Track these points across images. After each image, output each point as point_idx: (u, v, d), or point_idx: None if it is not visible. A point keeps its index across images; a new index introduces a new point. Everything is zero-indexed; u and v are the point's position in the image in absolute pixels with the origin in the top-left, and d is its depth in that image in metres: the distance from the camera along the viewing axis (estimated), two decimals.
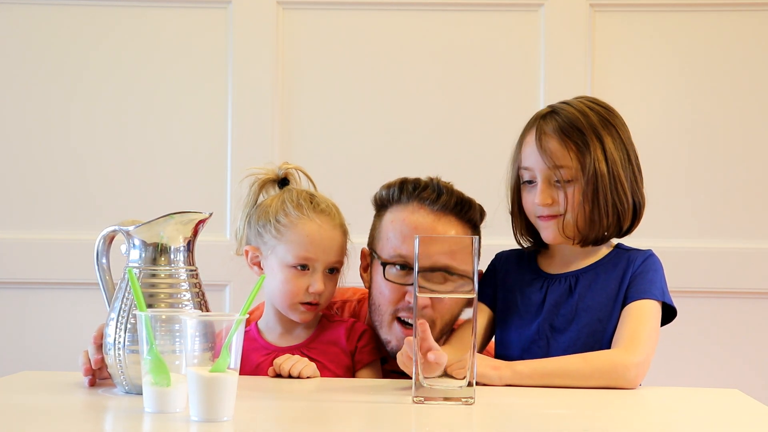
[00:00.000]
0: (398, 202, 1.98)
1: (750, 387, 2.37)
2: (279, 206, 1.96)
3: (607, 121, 1.91)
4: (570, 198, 1.88)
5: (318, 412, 1.59)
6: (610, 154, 1.89)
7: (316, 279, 1.93)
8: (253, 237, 1.98)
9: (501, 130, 3.02)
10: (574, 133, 1.89)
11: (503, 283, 2.00)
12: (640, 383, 1.82)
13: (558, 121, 1.91)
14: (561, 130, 1.90)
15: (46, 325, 3.03)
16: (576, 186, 1.88)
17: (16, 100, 3.04)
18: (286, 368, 1.87)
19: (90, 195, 3.03)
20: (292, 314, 1.96)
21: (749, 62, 3.01)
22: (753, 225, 3.01)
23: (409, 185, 1.98)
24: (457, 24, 3.04)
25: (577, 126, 1.90)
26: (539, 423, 1.54)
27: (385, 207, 2.01)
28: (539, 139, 1.91)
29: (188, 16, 3.04)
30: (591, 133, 1.89)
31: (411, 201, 1.96)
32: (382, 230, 1.99)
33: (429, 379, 1.62)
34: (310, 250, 1.92)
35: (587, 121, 1.90)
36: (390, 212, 1.99)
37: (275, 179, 2.04)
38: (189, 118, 3.04)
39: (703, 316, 2.99)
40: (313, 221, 1.94)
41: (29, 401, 1.61)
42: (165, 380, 1.49)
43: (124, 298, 1.67)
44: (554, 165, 1.89)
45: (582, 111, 1.91)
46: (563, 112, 1.92)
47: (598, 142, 1.89)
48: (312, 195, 1.99)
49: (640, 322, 1.85)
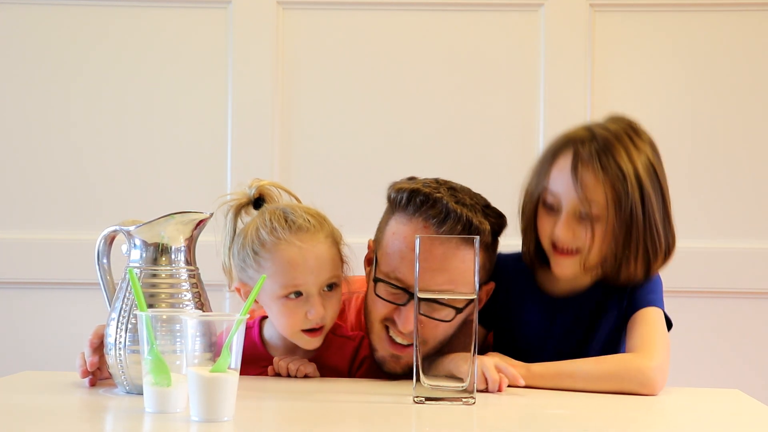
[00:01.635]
0: (404, 211, 1.83)
1: (750, 387, 2.37)
2: (254, 234, 1.81)
3: (647, 156, 1.81)
4: (596, 236, 1.77)
5: (318, 412, 1.59)
6: (647, 193, 1.78)
7: (312, 304, 1.79)
8: (238, 271, 1.85)
9: (501, 130, 3.03)
10: (613, 168, 1.77)
11: (504, 300, 1.92)
12: (661, 388, 1.75)
13: (597, 149, 1.78)
14: (600, 161, 1.77)
15: (46, 325, 3.03)
16: (604, 224, 1.77)
17: (17, 100, 3.04)
18: (283, 366, 1.87)
19: (90, 195, 3.03)
20: (298, 343, 1.85)
21: (749, 62, 3.01)
22: (753, 225, 3.01)
23: (419, 198, 1.82)
24: (457, 24, 3.04)
25: (617, 160, 1.77)
26: (539, 423, 1.54)
27: (393, 208, 1.87)
28: (575, 167, 1.78)
29: (188, 16, 3.04)
30: (630, 169, 1.77)
31: (416, 216, 1.82)
32: (385, 237, 1.86)
33: (429, 379, 1.62)
34: (297, 276, 1.78)
35: (628, 156, 1.78)
36: (395, 219, 1.85)
37: (248, 202, 1.88)
38: (189, 118, 3.04)
39: (703, 316, 2.99)
40: (291, 244, 1.78)
41: (29, 401, 1.61)
42: (165, 380, 1.49)
43: (125, 298, 1.67)
44: (585, 198, 1.77)
45: (623, 142, 1.79)
46: (603, 140, 1.79)
47: (636, 180, 1.77)
48: (285, 213, 1.82)
49: (649, 328, 1.80)
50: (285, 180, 3.00)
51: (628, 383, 1.72)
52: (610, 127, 1.82)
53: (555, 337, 1.90)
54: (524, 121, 3.02)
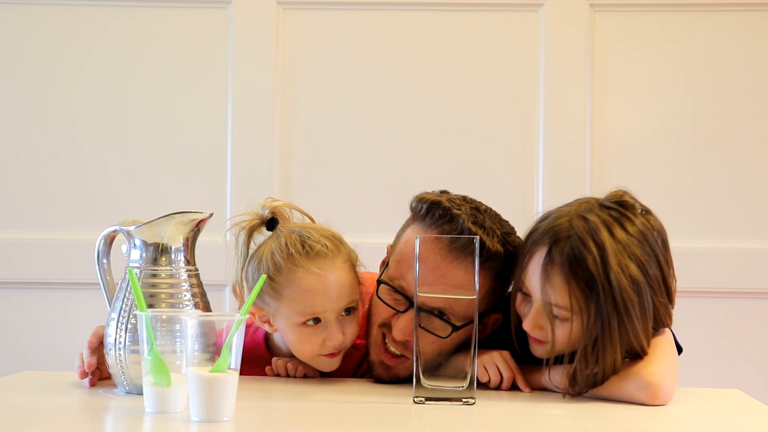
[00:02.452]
0: (422, 222, 1.79)
1: (750, 387, 2.37)
2: (269, 260, 1.75)
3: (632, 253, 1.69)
4: (560, 337, 1.69)
5: (318, 412, 1.59)
6: (624, 299, 1.66)
7: (331, 330, 1.75)
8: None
9: (501, 130, 3.03)
10: (581, 275, 1.66)
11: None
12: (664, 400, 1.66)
13: (569, 252, 1.67)
14: (569, 266, 1.66)
15: (46, 325, 3.03)
16: (572, 326, 1.68)
17: (16, 100, 3.04)
18: (281, 365, 1.86)
19: (90, 195, 3.03)
20: (316, 366, 1.82)
21: (749, 62, 3.01)
22: (753, 225, 3.01)
23: (438, 211, 1.78)
24: (457, 24, 3.04)
25: (589, 267, 1.65)
26: (539, 423, 1.54)
27: (413, 217, 1.83)
28: (545, 268, 1.68)
29: (188, 16, 3.04)
30: (603, 277, 1.65)
31: (431, 228, 1.77)
32: (399, 244, 1.83)
33: (429, 379, 1.62)
34: (316, 304, 1.74)
35: (602, 260, 1.65)
36: (412, 228, 1.81)
37: (261, 223, 1.81)
38: (189, 117, 3.04)
39: (703, 316, 2.99)
40: (309, 272, 1.73)
41: (29, 401, 1.61)
42: (165, 380, 1.49)
43: (125, 298, 1.67)
44: (553, 301, 1.68)
45: (600, 241, 1.67)
46: (579, 240, 1.67)
47: (609, 288, 1.65)
48: (302, 237, 1.75)
49: (654, 348, 1.72)
50: (285, 180, 3.00)
51: (628, 395, 1.67)
52: (592, 219, 1.69)
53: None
54: (524, 121, 3.02)
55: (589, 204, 1.74)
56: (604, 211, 1.72)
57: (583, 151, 2.99)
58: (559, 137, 2.99)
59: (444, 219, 1.77)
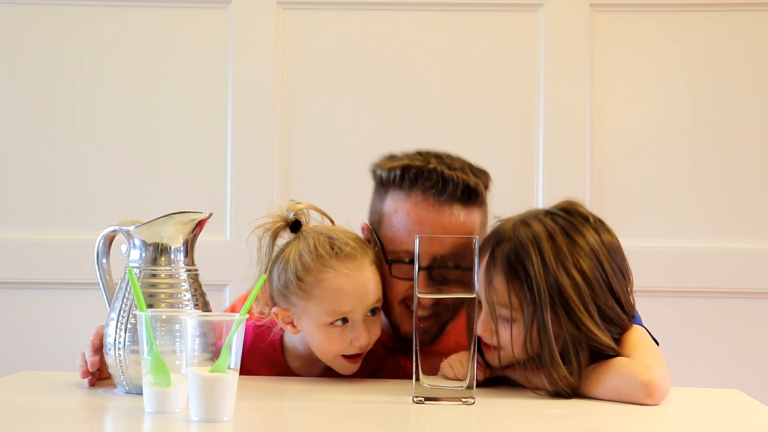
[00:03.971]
0: (400, 188, 1.85)
1: (750, 387, 2.38)
2: (297, 261, 1.76)
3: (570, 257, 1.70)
4: (505, 338, 1.71)
5: (318, 412, 1.59)
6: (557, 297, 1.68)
7: (358, 331, 1.77)
8: (278, 297, 1.80)
9: (501, 130, 3.03)
10: (521, 275, 1.69)
11: None
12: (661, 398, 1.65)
13: (509, 253, 1.70)
14: (508, 265, 1.70)
15: (46, 325, 3.03)
16: (516, 326, 1.70)
17: (16, 100, 3.04)
18: None
19: (90, 195, 3.03)
20: (337, 368, 1.82)
21: (749, 62, 3.01)
22: (753, 225, 3.01)
23: (412, 172, 1.84)
24: (457, 24, 3.04)
25: (526, 267, 1.69)
26: (539, 423, 1.54)
27: (385, 188, 1.88)
28: (488, 268, 1.72)
29: (188, 16, 3.04)
30: (540, 278, 1.68)
31: (413, 190, 1.84)
32: (385, 217, 1.87)
33: (429, 379, 1.62)
34: (345, 304, 1.75)
35: (542, 262, 1.69)
36: (391, 198, 1.87)
37: (286, 224, 1.81)
38: (189, 117, 3.04)
39: (703, 316, 2.99)
40: (339, 272, 1.75)
41: (29, 401, 1.61)
42: (165, 380, 1.49)
43: (125, 298, 1.67)
44: (493, 301, 1.71)
45: (540, 245, 1.70)
46: (520, 243, 1.70)
47: (547, 288, 1.67)
48: (331, 239, 1.77)
49: (634, 345, 1.70)
50: (285, 180, 3.00)
51: (626, 396, 1.65)
52: (534, 224, 1.73)
53: None
54: (524, 121, 3.02)
55: (536, 212, 1.78)
56: (549, 217, 1.75)
57: (583, 151, 2.99)
58: (559, 137, 2.99)
59: (422, 177, 1.83)
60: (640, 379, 1.65)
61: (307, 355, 1.86)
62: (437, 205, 1.82)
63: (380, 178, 1.89)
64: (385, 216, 1.87)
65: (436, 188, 1.82)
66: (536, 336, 1.68)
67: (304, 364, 1.88)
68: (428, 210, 1.83)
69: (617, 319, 1.73)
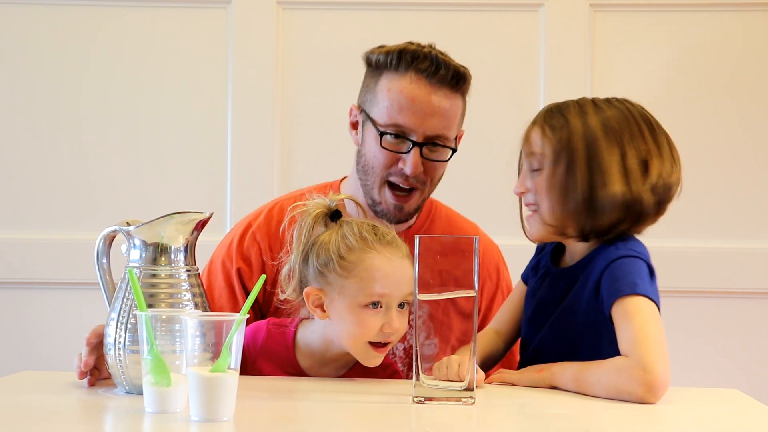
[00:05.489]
0: (395, 70, 2.03)
1: (750, 387, 2.38)
2: (341, 241, 1.79)
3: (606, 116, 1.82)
4: (538, 186, 1.81)
5: (318, 412, 1.59)
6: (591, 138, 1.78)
7: (390, 317, 1.76)
8: (314, 278, 1.80)
9: (500, 130, 3.02)
10: (558, 121, 1.81)
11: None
12: (662, 394, 1.65)
13: (553, 108, 1.85)
14: (547, 116, 1.83)
15: (46, 325, 3.03)
16: (544, 174, 1.80)
17: (16, 100, 3.04)
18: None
19: (90, 195, 3.03)
20: (362, 357, 1.80)
21: (749, 62, 3.01)
22: (753, 225, 3.01)
23: (408, 55, 2.02)
24: (457, 24, 3.04)
25: (566, 114, 1.81)
26: (539, 423, 1.54)
27: (380, 70, 2.05)
28: (529, 126, 1.86)
29: (188, 16, 3.04)
30: (577, 124, 1.79)
31: (408, 71, 2.02)
32: (378, 95, 2.05)
33: (429, 379, 1.62)
34: (384, 285, 1.76)
35: (579, 114, 1.81)
36: (385, 78, 2.04)
37: (328, 212, 1.85)
38: (189, 117, 3.04)
39: (703, 316, 2.99)
40: (381, 254, 1.77)
41: (29, 401, 1.61)
42: (165, 380, 1.49)
43: (125, 298, 1.67)
44: (529, 152, 1.83)
45: (580, 104, 1.83)
46: (567, 101, 1.85)
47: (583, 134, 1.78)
48: (374, 227, 1.82)
49: (631, 323, 1.69)
50: (285, 180, 3.01)
51: (627, 396, 1.65)
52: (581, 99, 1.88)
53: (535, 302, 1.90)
54: (524, 121, 3.01)
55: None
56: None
57: None
58: None
59: (417, 60, 2.02)
60: (640, 379, 1.64)
61: (320, 353, 1.85)
62: (429, 85, 2.02)
63: (376, 62, 2.06)
64: (378, 94, 2.05)
65: (429, 70, 2.02)
66: (561, 178, 1.77)
67: (317, 363, 1.87)
68: (420, 88, 2.01)
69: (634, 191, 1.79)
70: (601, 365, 1.71)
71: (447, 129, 2.04)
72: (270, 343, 1.88)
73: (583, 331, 1.80)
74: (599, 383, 1.68)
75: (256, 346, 1.88)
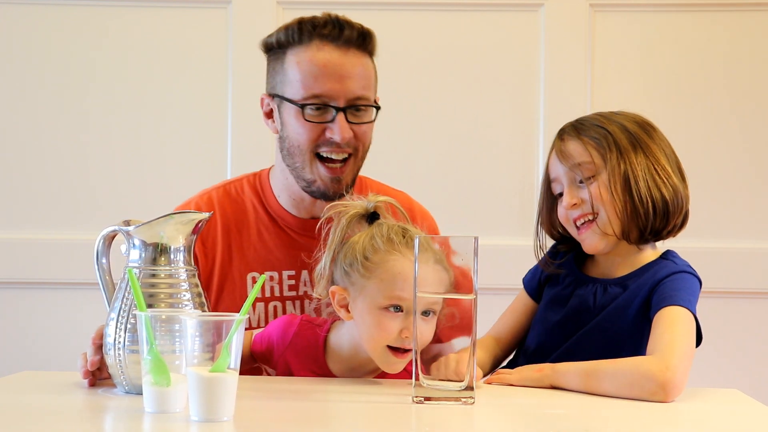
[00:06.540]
0: (299, 42, 1.98)
1: (750, 387, 2.37)
2: (367, 242, 1.77)
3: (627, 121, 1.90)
4: (596, 194, 1.84)
5: (318, 412, 1.59)
6: (634, 139, 1.86)
7: (410, 322, 1.69)
8: (340, 277, 1.79)
9: (501, 130, 3.03)
10: (591, 130, 1.87)
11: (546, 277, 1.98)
12: (676, 395, 1.67)
13: (575, 123, 1.91)
14: (576, 129, 1.89)
15: (46, 325, 3.03)
16: (600, 180, 1.84)
17: (16, 100, 3.04)
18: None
19: (90, 195, 3.03)
20: (381, 362, 1.77)
21: (749, 62, 3.01)
22: (753, 225, 3.01)
23: (308, 24, 1.98)
24: (457, 24, 3.04)
25: (594, 122, 1.88)
26: (539, 423, 1.54)
27: (283, 49, 2.00)
28: (558, 145, 1.90)
29: (188, 16, 3.04)
30: (609, 124, 1.87)
31: (313, 40, 1.98)
32: (288, 73, 1.99)
33: (429, 379, 1.62)
34: (405, 288, 1.71)
35: (605, 118, 1.89)
36: (291, 53, 1.99)
37: (365, 214, 1.82)
38: (189, 117, 3.04)
39: (702, 316, 2.98)
40: (405, 257, 1.73)
41: (29, 401, 1.61)
42: (165, 380, 1.49)
43: (124, 298, 1.67)
44: (574, 164, 1.86)
45: (601, 113, 1.91)
46: (580, 118, 1.93)
47: (620, 131, 1.87)
48: (404, 229, 1.78)
49: (669, 328, 1.74)
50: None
51: (639, 391, 1.67)
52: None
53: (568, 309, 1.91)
54: (524, 121, 3.02)
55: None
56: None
57: None
58: None
59: (319, 25, 1.97)
60: (650, 375, 1.66)
61: (350, 357, 1.83)
62: (337, 49, 1.97)
63: (278, 41, 2.01)
64: (288, 72, 1.99)
65: (333, 33, 1.97)
66: (621, 181, 1.82)
67: (346, 368, 1.85)
68: (330, 53, 1.97)
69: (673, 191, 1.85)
70: (616, 361, 1.73)
71: (366, 89, 2.02)
72: (299, 340, 1.86)
73: (624, 337, 1.84)
74: (614, 378, 1.69)
75: (285, 340, 1.87)
